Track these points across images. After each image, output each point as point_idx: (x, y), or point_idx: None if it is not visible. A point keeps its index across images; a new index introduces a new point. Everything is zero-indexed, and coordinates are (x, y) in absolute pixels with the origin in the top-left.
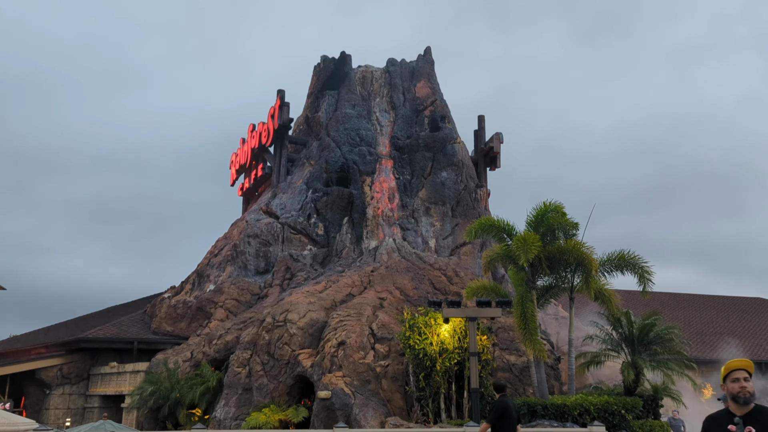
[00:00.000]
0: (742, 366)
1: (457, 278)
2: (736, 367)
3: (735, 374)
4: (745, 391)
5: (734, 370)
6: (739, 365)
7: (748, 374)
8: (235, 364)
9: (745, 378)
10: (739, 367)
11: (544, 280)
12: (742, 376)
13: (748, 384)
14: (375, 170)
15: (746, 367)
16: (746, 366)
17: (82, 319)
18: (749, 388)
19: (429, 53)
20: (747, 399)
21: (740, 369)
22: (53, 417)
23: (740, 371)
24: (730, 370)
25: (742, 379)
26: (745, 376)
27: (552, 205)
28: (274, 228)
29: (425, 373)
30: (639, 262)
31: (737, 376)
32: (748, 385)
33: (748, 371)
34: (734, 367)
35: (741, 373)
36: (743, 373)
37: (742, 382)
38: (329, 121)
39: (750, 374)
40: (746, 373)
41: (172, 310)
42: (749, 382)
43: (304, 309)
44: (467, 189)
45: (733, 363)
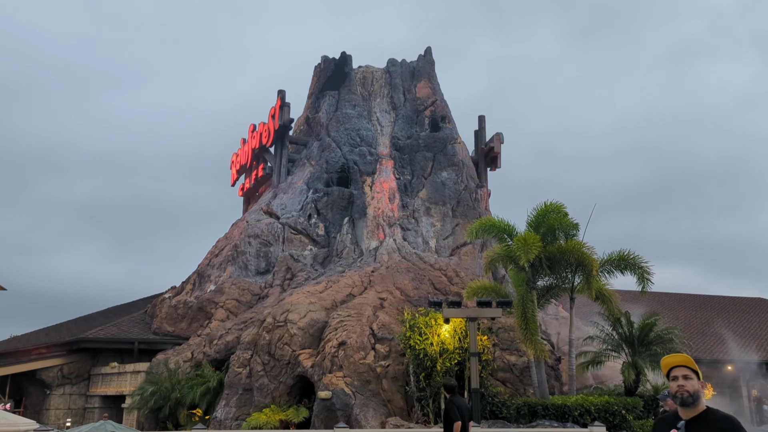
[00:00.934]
0: (681, 362)
1: (458, 278)
2: (673, 364)
3: (674, 371)
4: (683, 391)
5: (673, 367)
6: (676, 361)
7: (690, 371)
8: (236, 364)
9: (685, 376)
10: (677, 363)
11: (545, 280)
12: (681, 373)
13: (688, 383)
14: (375, 170)
15: (685, 363)
16: (685, 362)
17: (82, 319)
18: (688, 387)
19: (429, 53)
20: (684, 400)
21: (679, 365)
22: (54, 417)
23: (679, 368)
24: (668, 367)
25: (680, 377)
26: (684, 373)
27: (553, 206)
28: (275, 228)
29: (426, 373)
30: (639, 262)
31: (675, 373)
32: (687, 384)
33: (689, 367)
34: (671, 363)
35: (680, 370)
36: (682, 369)
37: (681, 381)
38: (330, 122)
39: (693, 371)
40: (686, 369)
41: (172, 310)
42: (690, 380)
43: (305, 309)
44: (468, 189)
45: (670, 359)
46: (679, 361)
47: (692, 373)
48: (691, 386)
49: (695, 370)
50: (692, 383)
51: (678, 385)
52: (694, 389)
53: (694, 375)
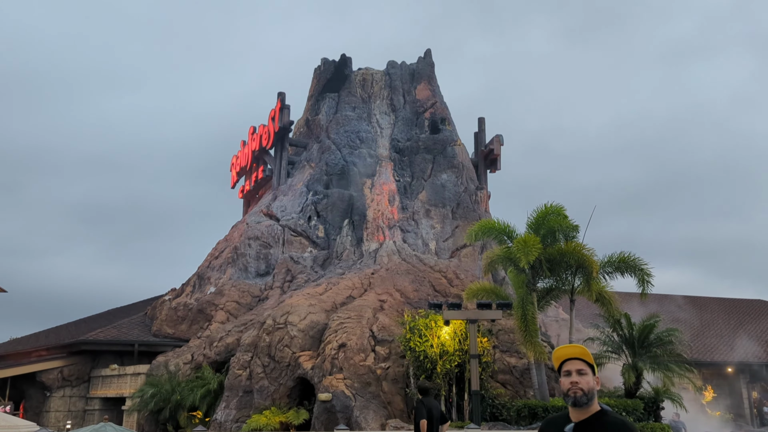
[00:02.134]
0: (575, 354)
1: (458, 280)
2: (566, 356)
3: (566, 365)
4: (576, 388)
5: (566, 360)
6: (570, 353)
7: (585, 365)
8: (236, 366)
9: (579, 371)
10: (570, 355)
11: (545, 282)
12: (575, 367)
13: (582, 379)
14: (375, 172)
15: (580, 355)
16: (580, 354)
17: (82, 322)
18: (582, 384)
19: (429, 55)
20: (577, 399)
21: (573, 358)
22: (54, 419)
23: (573, 361)
24: (560, 360)
25: (574, 372)
26: (579, 367)
27: (553, 207)
28: (275, 230)
29: (426, 375)
30: (639, 264)
31: (568, 368)
32: (581, 380)
33: (585, 361)
34: (564, 355)
35: (573, 364)
36: (577, 363)
37: (574, 376)
38: (329, 124)
39: (588, 365)
40: (581, 363)
41: (172, 312)
42: (585, 376)
43: (305, 311)
44: (467, 191)
45: (562, 350)
46: (572, 352)
47: (587, 368)
48: (586, 383)
49: (591, 363)
50: (587, 380)
51: (571, 382)
52: (588, 387)
53: (590, 370)
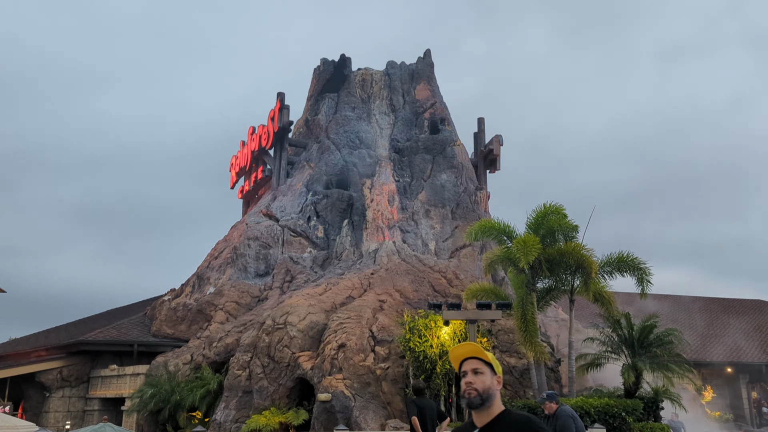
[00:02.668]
0: (470, 353)
1: (457, 281)
2: (463, 356)
3: (464, 366)
4: (471, 389)
5: (463, 360)
6: (465, 352)
7: (483, 364)
8: (236, 366)
9: (475, 370)
10: (466, 354)
11: (544, 282)
12: (470, 367)
13: (478, 379)
14: (375, 173)
15: (475, 353)
16: (475, 352)
17: (81, 322)
18: (477, 384)
19: (429, 56)
20: (471, 401)
21: (470, 358)
22: (53, 420)
23: (469, 360)
24: (458, 360)
25: (469, 372)
26: (474, 367)
27: (552, 208)
28: (274, 230)
29: (425, 375)
30: (638, 263)
31: (465, 368)
32: (476, 380)
33: (481, 359)
34: (461, 355)
35: (470, 364)
36: (473, 362)
37: (469, 376)
38: (329, 124)
39: (486, 363)
40: (478, 362)
41: (172, 312)
42: (481, 375)
43: (304, 311)
44: (467, 191)
45: (458, 349)
46: (468, 351)
47: (485, 367)
48: (481, 383)
49: (489, 362)
50: (483, 379)
51: (466, 382)
52: (484, 387)
53: (488, 369)
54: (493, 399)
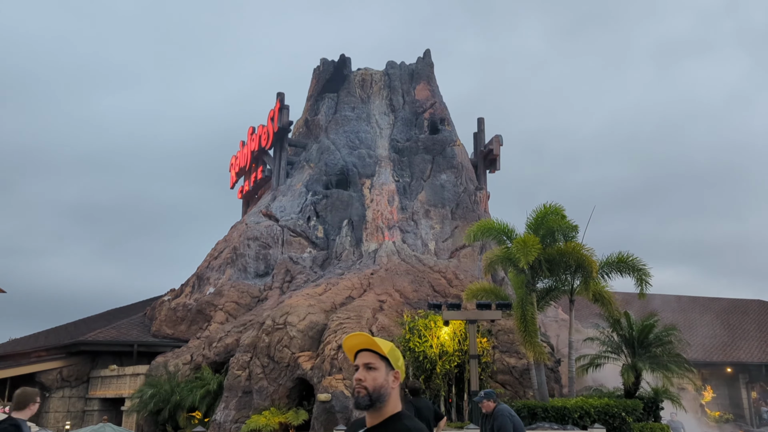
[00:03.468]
0: (363, 344)
1: (457, 281)
2: (356, 347)
3: (357, 358)
4: (360, 387)
5: (357, 352)
6: (358, 343)
7: (377, 358)
8: (235, 366)
9: (367, 365)
10: (359, 346)
11: (544, 282)
12: (362, 361)
13: (369, 375)
14: (374, 173)
15: (369, 345)
16: (368, 344)
17: (81, 322)
18: (368, 381)
19: (428, 56)
20: (359, 400)
21: (363, 350)
22: (53, 420)
23: (363, 353)
24: (351, 352)
25: (361, 367)
26: (366, 361)
27: (552, 208)
28: (274, 231)
29: (425, 375)
30: (637, 264)
31: (358, 361)
32: (367, 377)
33: (375, 352)
34: (353, 346)
35: (362, 357)
36: (366, 356)
37: (360, 372)
38: (329, 124)
39: (381, 357)
40: (371, 356)
41: (171, 312)
42: (373, 371)
43: (304, 312)
44: (467, 191)
45: (350, 340)
46: (360, 342)
47: (379, 361)
48: (372, 381)
49: (384, 356)
50: (375, 376)
51: (356, 379)
52: (375, 385)
53: (383, 363)
54: (386, 399)
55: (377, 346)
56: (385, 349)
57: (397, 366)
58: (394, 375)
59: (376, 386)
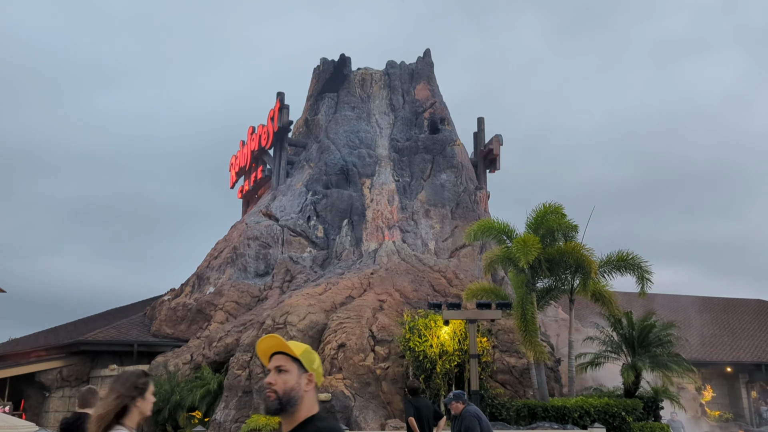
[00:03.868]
0: (275, 347)
1: (457, 280)
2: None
3: (270, 362)
4: (270, 391)
5: (271, 355)
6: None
7: (289, 360)
8: (235, 366)
9: (279, 368)
10: (271, 349)
11: (544, 282)
12: (273, 365)
13: (280, 379)
14: (374, 172)
15: (280, 347)
16: (279, 346)
17: (81, 322)
18: (278, 385)
19: (428, 55)
20: (269, 405)
21: (276, 353)
22: (53, 420)
23: (276, 356)
24: (264, 356)
25: (273, 371)
26: (278, 364)
27: (551, 207)
28: (274, 230)
29: (425, 375)
30: (638, 262)
31: (270, 365)
32: (278, 380)
33: (288, 354)
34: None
35: (275, 360)
36: (278, 358)
37: (271, 376)
38: (329, 124)
39: (293, 359)
40: (283, 358)
41: (171, 312)
42: (284, 374)
43: (304, 311)
44: (467, 191)
45: (260, 344)
46: (273, 345)
47: (291, 363)
48: (283, 384)
49: (296, 357)
50: (286, 379)
51: (266, 382)
52: (285, 388)
53: (295, 365)
54: (297, 402)
55: (289, 349)
56: (297, 351)
57: (311, 368)
58: (307, 377)
59: (286, 389)
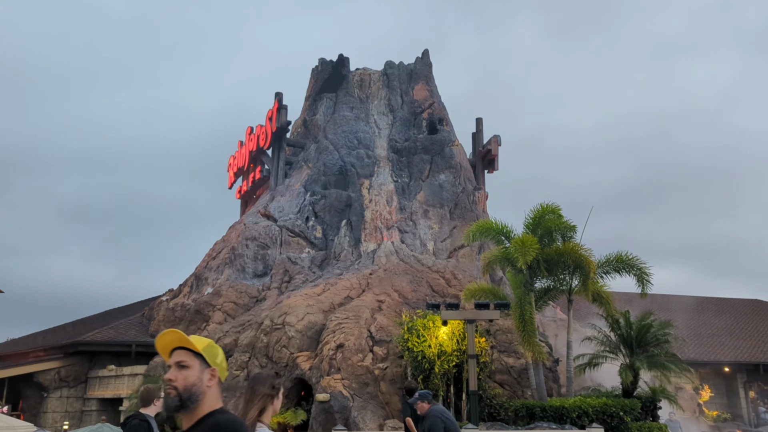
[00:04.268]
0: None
1: (456, 281)
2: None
3: (171, 357)
4: (170, 388)
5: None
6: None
7: (191, 356)
8: (234, 366)
9: (180, 363)
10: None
11: (543, 282)
12: (175, 360)
13: (180, 375)
14: (373, 173)
15: (181, 342)
16: (180, 341)
17: (79, 322)
18: (179, 382)
19: (427, 56)
20: (167, 403)
21: (177, 348)
22: (51, 420)
23: (177, 351)
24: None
25: (173, 367)
26: (178, 360)
27: (549, 207)
28: (272, 231)
29: (424, 375)
30: (637, 263)
31: (171, 360)
32: (178, 376)
33: (189, 349)
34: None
35: (177, 355)
36: (179, 354)
37: (172, 372)
38: (327, 124)
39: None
40: (184, 353)
41: (170, 313)
42: (185, 370)
43: (303, 312)
44: (465, 191)
45: (159, 339)
46: (173, 340)
47: (193, 359)
48: (183, 380)
49: (199, 352)
50: (186, 375)
51: (166, 378)
52: (185, 384)
53: (197, 361)
54: (199, 399)
55: (190, 344)
56: (199, 346)
57: (214, 363)
58: (210, 373)
59: (187, 385)
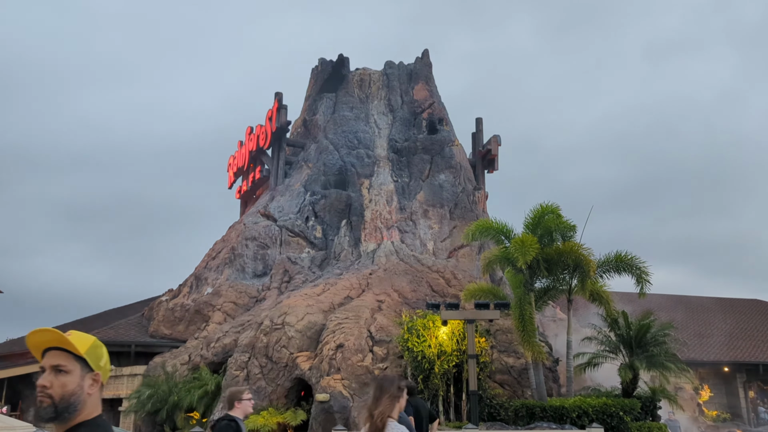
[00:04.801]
0: (51, 342)
1: (455, 280)
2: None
3: (44, 359)
4: (44, 396)
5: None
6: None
7: (73, 358)
8: (233, 367)
9: (57, 367)
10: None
11: (542, 282)
12: (50, 363)
13: (57, 381)
14: (373, 173)
15: (59, 342)
16: (58, 341)
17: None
18: (54, 389)
19: (427, 56)
20: (41, 413)
21: (51, 348)
22: None
23: (51, 352)
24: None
25: (48, 370)
26: (55, 363)
27: (549, 207)
28: (272, 231)
29: (424, 375)
30: (636, 262)
31: (45, 363)
32: (54, 382)
33: (68, 351)
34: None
35: (52, 357)
36: (57, 356)
37: (46, 377)
38: (327, 124)
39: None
40: (64, 356)
41: (169, 313)
42: (63, 375)
43: (302, 312)
44: (465, 191)
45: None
46: (47, 340)
47: (73, 362)
48: (60, 387)
49: (81, 355)
50: (64, 381)
51: (39, 385)
52: (63, 393)
53: (78, 365)
54: (77, 409)
55: (71, 345)
56: (81, 348)
57: (97, 367)
58: (92, 378)
59: (65, 394)
